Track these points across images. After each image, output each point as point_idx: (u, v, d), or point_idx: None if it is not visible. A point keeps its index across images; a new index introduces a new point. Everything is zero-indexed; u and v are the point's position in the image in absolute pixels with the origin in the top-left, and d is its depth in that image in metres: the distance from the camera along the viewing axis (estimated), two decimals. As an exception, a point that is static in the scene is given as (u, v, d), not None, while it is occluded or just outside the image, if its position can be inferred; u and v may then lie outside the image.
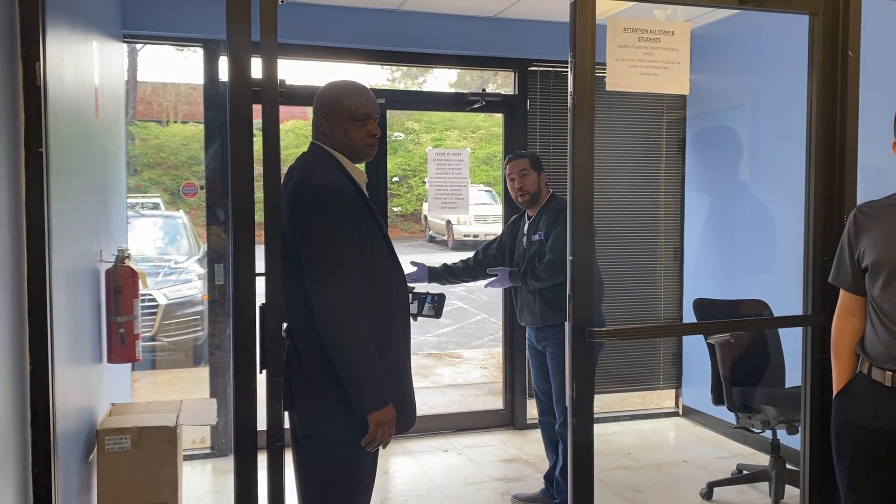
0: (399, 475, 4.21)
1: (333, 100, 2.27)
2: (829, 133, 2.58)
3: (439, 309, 2.58)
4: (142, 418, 2.96)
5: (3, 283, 1.86)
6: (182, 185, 5.29)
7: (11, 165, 1.92)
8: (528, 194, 3.64)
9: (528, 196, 3.64)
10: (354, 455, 2.22)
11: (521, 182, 3.64)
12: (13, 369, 1.92)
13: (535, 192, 3.64)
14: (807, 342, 2.63)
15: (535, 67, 4.85)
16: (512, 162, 3.70)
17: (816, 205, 2.59)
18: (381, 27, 4.52)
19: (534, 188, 3.63)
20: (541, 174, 3.66)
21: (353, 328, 2.08)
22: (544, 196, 3.67)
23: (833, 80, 2.56)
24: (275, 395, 2.04)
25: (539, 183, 3.65)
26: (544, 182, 3.68)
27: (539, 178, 3.65)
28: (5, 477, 1.84)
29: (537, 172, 3.65)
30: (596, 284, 2.60)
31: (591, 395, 2.35)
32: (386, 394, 2.13)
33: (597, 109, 2.31)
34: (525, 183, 3.63)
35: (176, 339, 6.55)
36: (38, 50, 1.98)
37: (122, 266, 3.16)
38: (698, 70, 2.42)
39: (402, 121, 15.81)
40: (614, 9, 2.97)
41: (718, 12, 4.42)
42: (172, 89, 14.53)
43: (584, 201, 2.30)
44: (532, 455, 4.46)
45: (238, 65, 1.97)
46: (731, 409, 3.73)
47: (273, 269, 2.01)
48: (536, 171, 3.65)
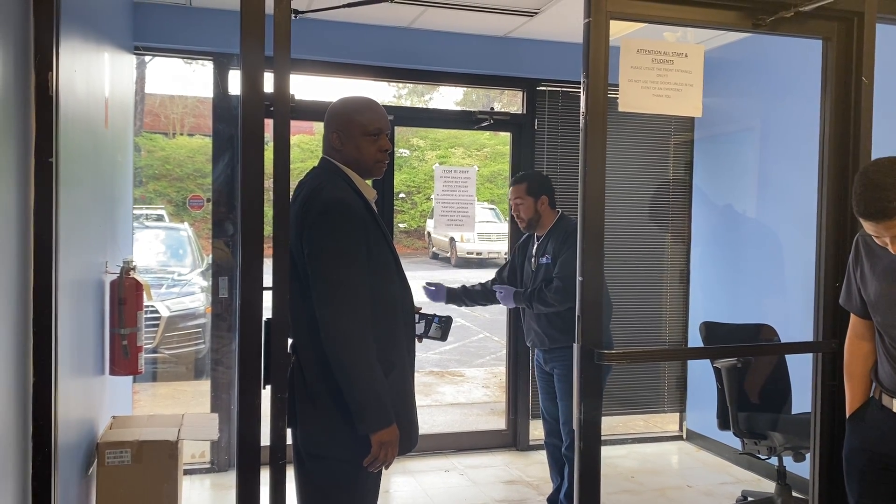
0: (399, 494, 4.16)
1: (345, 115, 2.26)
2: (841, 158, 2.57)
3: (445, 331, 2.55)
4: (143, 432, 2.93)
5: (9, 293, 1.84)
6: (189, 198, 5.29)
7: (21, 175, 1.91)
8: (524, 221, 3.62)
9: (524, 222, 3.63)
10: (357, 474, 2.19)
11: (517, 210, 3.63)
12: (16, 381, 1.90)
13: (532, 218, 3.61)
14: (817, 369, 2.60)
15: (544, 87, 4.86)
16: (512, 187, 3.69)
17: (828, 231, 2.57)
18: (391, 44, 4.53)
19: (530, 214, 3.60)
20: (539, 198, 3.60)
21: (357, 346, 2.06)
22: (549, 218, 3.63)
23: (846, 106, 2.55)
24: (279, 412, 2.02)
25: (537, 208, 3.60)
26: (544, 205, 3.61)
27: (537, 203, 3.60)
28: (5, 490, 1.81)
29: (534, 198, 3.59)
30: (605, 306, 2.58)
31: (599, 418, 2.32)
32: (390, 414, 2.11)
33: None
34: (521, 210, 3.62)
35: (177, 351, 6.52)
36: (52, 59, 1.98)
37: (128, 277, 3.15)
38: (708, 92, 2.41)
39: (408, 137, 15.86)
40: (625, 30, 2.97)
41: (729, 35, 4.43)
42: (179, 102, 14.61)
43: (595, 223, 2.29)
44: (535, 477, 4.41)
45: (251, 80, 1.96)
46: (737, 434, 3.69)
47: (281, 283, 2.00)
48: (533, 196, 3.59)
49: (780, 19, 2.45)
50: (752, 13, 2.45)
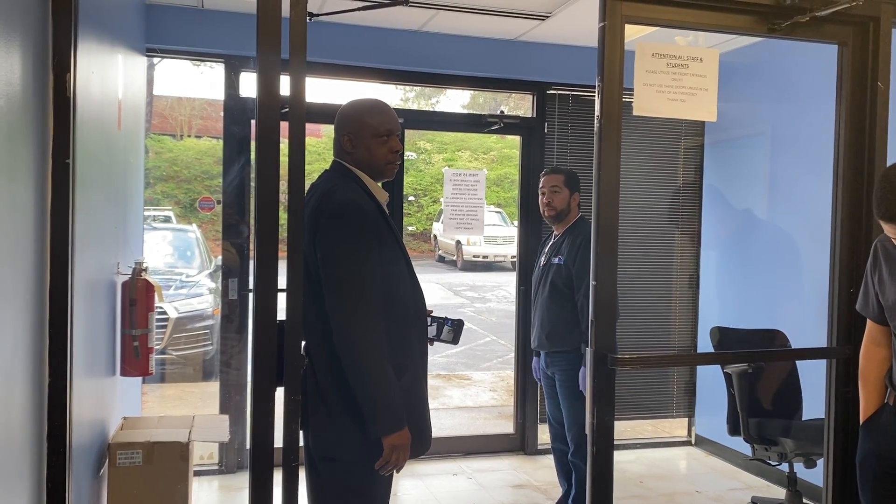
0: (407, 498, 4.16)
1: (356, 117, 2.26)
2: (856, 163, 2.55)
3: (457, 334, 2.54)
4: (154, 433, 2.93)
5: (26, 294, 1.85)
6: (199, 199, 5.30)
7: (38, 176, 1.92)
8: (554, 210, 3.61)
9: (554, 212, 3.62)
10: (368, 478, 2.18)
11: (551, 197, 3.62)
12: (32, 382, 1.90)
13: (562, 210, 3.61)
14: (831, 375, 2.59)
15: (554, 91, 4.85)
16: (546, 176, 3.68)
17: (843, 237, 2.56)
18: (401, 47, 4.54)
19: (562, 206, 3.61)
20: (574, 194, 3.63)
21: (370, 349, 2.06)
22: (573, 216, 3.65)
23: (861, 111, 2.54)
24: (292, 414, 2.02)
25: (570, 202, 3.62)
26: (576, 202, 3.64)
27: (571, 198, 3.62)
28: (20, 491, 1.82)
29: (570, 191, 3.62)
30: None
31: (612, 424, 2.31)
32: (402, 417, 2.10)
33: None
34: (554, 199, 3.61)
35: (185, 352, 6.53)
36: (69, 61, 1.99)
37: (139, 279, 3.16)
38: (719, 96, 2.40)
39: (415, 140, 15.88)
40: (636, 33, 2.97)
41: (741, 39, 4.42)
42: (187, 103, 14.66)
43: (609, 226, 2.28)
44: (543, 481, 4.40)
45: (267, 83, 1.96)
46: (747, 440, 3.68)
47: (295, 285, 1.99)
48: (570, 189, 3.62)
49: (796, 24, 2.44)
50: (767, 18, 2.45)
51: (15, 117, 1.72)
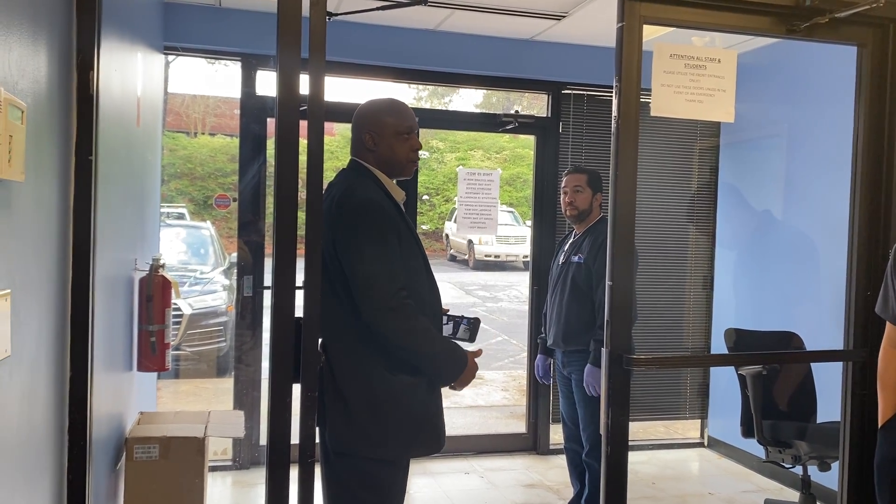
0: (419, 496, 4.17)
1: (378, 116, 2.29)
2: (875, 166, 2.54)
3: (474, 333, 2.55)
4: (170, 428, 2.96)
5: (49, 289, 1.87)
6: (216, 197, 5.33)
7: (62, 172, 1.94)
8: (576, 209, 3.61)
9: (576, 211, 3.61)
10: (384, 474, 2.20)
11: (573, 197, 3.61)
12: (54, 376, 1.93)
13: (584, 210, 3.61)
14: (847, 378, 2.58)
15: (569, 90, 4.85)
16: (570, 175, 3.67)
17: (860, 239, 2.55)
18: (416, 47, 4.54)
19: (584, 206, 3.60)
20: (596, 194, 3.63)
21: (408, 325, 2.12)
22: (594, 216, 3.64)
23: (880, 113, 2.53)
24: (309, 410, 2.03)
25: (592, 202, 3.62)
26: (598, 203, 3.64)
27: (593, 198, 3.62)
28: (42, 484, 1.84)
29: (593, 191, 3.62)
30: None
31: (627, 424, 2.32)
32: (462, 356, 2.22)
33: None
34: (576, 198, 3.60)
35: (199, 349, 6.58)
36: (93, 59, 2.01)
37: (156, 275, 3.19)
38: (736, 97, 2.40)
39: (427, 139, 15.89)
40: (653, 34, 2.96)
41: (757, 40, 4.40)
42: (202, 101, 14.74)
43: (626, 227, 2.28)
44: (555, 481, 4.40)
45: (287, 82, 1.97)
46: (761, 442, 3.66)
47: (313, 282, 2.01)
48: (593, 189, 3.62)
49: (815, 25, 2.43)
50: (786, 19, 2.44)
51: (41, 115, 1.75)
